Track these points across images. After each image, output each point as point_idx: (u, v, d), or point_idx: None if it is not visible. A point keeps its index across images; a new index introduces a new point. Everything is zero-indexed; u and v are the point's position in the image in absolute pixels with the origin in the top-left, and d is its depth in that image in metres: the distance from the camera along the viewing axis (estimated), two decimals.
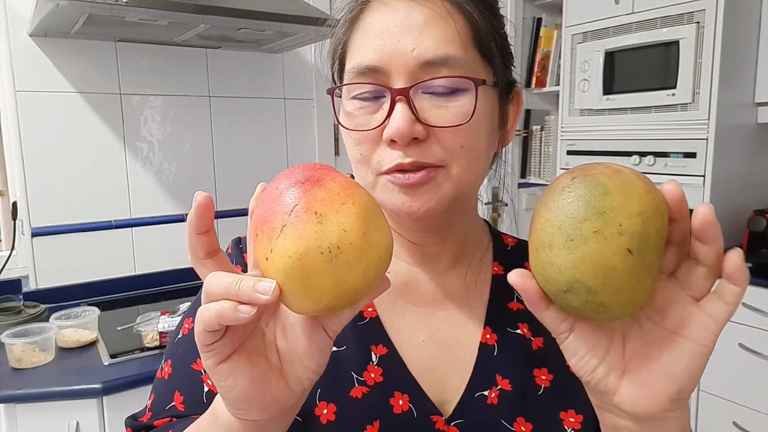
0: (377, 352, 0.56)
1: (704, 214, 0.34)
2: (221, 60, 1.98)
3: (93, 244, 1.81)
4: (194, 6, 1.39)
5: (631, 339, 0.39)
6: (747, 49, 2.08)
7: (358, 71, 0.51)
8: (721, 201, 2.07)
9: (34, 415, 1.24)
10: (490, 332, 0.58)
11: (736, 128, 2.10)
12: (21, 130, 1.67)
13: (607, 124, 2.32)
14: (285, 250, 0.34)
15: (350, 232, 0.34)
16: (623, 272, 0.34)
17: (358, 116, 0.52)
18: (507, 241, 0.67)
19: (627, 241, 0.33)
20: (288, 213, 0.34)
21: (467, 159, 0.51)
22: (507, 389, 0.56)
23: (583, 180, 0.35)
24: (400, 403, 0.54)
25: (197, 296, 0.60)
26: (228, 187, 2.05)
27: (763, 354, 1.90)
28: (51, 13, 1.37)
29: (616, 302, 0.35)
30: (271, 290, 0.34)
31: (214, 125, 2.00)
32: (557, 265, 0.35)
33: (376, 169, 0.52)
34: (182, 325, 0.60)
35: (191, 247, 0.39)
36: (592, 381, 0.39)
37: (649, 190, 0.35)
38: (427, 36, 0.49)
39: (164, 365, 0.59)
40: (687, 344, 0.37)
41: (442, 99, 0.50)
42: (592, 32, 2.33)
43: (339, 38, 0.56)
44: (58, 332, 1.40)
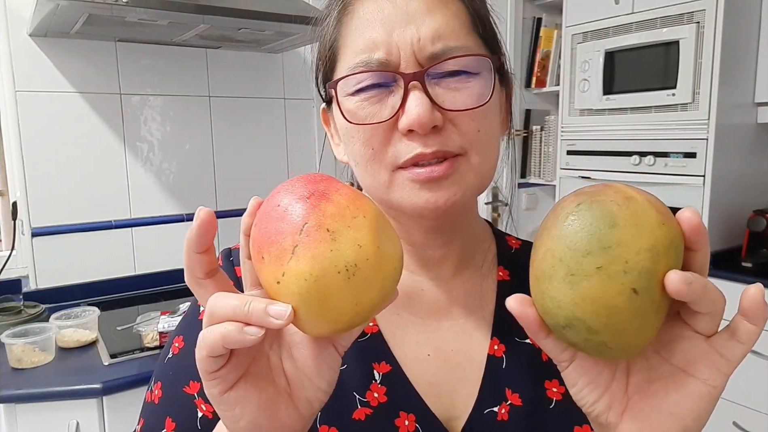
0: (380, 370, 0.53)
1: (691, 219, 0.32)
2: (221, 60, 1.98)
3: (93, 244, 1.81)
4: (194, 6, 1.39)
5: (636, 372, 0.37)
6: (747, 49, 2.08)
7: (365, 66, 0.47)
8: (721, 201, 2.07)
9: (34, 415, 1.24)
10: (498, 343, 0.55)
11: (736, 128, 2.10)
12: (21, 130, 1.67)
13: (607, 124, 2.32)
14: (299, 272, 0.32)
15: (365, 247, 0.33)
16: (627, 313, 0.31)
17: (363, 111, 0.48)
18: (511, 243, 0.63)
19: (633, 279, 0.31)
20: (298, 232, 0.32)
21: (485, 145, 0.49)
22: (517, 404, 0.53)
23: (589, 207, 0.32)
24: (406, 423, 0.51)
25: (187, 313, 0.57)
26: (228, 187, 2.05)
27: (763, 354, 1.90)
28: (51, 13, 1.37)
29: (618, 343, 0.32)
30: (286, 315, 0.32)
31: (214, 125, 2.00)
32: (557, 299, 0.32)
33: (392, 163, 0.48)
34: (171, 344, 0.56)
35: (189, 266, 0.36)
36: (592, 413, 0.37)
37: (663, 221, 0.31)
38: (430, 24, 0.47)
39: (154, 387, 0.55)
40: (695, 384, 0.34)
41: (455, 83, 0.47)
42: (592, 32, 2.33)
43: (328, 35, 0.52)
44: (58, 332, 1.40)
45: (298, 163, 2.19)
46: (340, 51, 0.51)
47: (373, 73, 0.47)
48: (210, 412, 0.51)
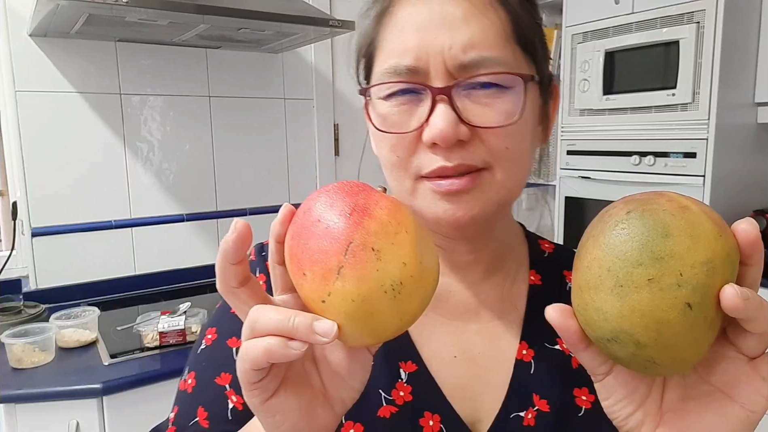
0: (406, 369, 0.52)
1: (748, 232, 0.30)
2: (221, 60, 1.98)
3: (93, 244, 1.81)
4: (194, 6, 1.39)
5: (671, 388, 0.35)
6: (747, 49, 2.08)
7: (394, 72, 0.47)
8: (721, 201, 2.07)
9: (34, 415, 1.24)
10: (527, 347, 0.54)
11: (736, 128, 2.10)
12: (21, 130, 1.67)
13: (607, 124, 2.32)
14: (346, 293, 0.32)
15: (409, 264, 0.33)
16: (679, 328, 0.29)
17: (394, 118, 0.48)
18: (544, 247, 0.62)
19: (687, 294, 0.29)
20: (343, 252, 0.32)
21: (512, 161, 0.48)
22: (545, 410, 0.52)
23: (641, 215, 0.30)
24: (431, 423, 0.50)
25: (220, 306, 0.58)
26: (228, 187, 2.05)
27: None
28: (51, 13, 1.37)
29: (667, 359, 0.31)
30: (333, 333, 0.32)
31: (214, 125, 2.00)
32: (603, 310, 0.31)
33: (415, 173, 0.48)
34: (204, 335, 0.57)
35: (224, 277, 0.35)
36: (624, 428, 0.36)
37: (719, 232, 0.30)
38: (464, 32, 0.45)
39: (187, 376, 0.56)
40: (734, 407, 0.33)
41: (485, 97, 0.46)
42: (592, 32, 2.33)
43: (367, 34, 0.52)
44: (58, 332, 1.40)
45: (298, 163, 2.19)
46: (376, 51, 0.51)
47: (402, 83, 0.47)
48: (240, 404, 0.52)
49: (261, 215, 2.09)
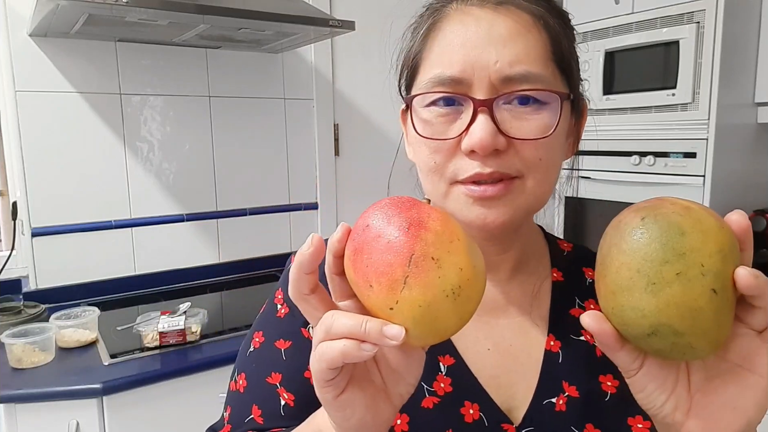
0: (445, 363, 0.56)
1: (740, 221, 0.35)
2: (221, 60, 1.98)
3: (93, 244, 1.81)
4: (194, 6, 1.39)
5: (694, 372, 0.39)
6: (747, 49, 2.08)
7: (438, 81, 0.50)
8: (721, 201, 2.07)
9: (34, 415, 1.24)
10: (554, 339, 0.58)
11: (736, 128, 2.10)
12: (21, 130, 1.67)
13: (607, 124, 2.32)
14: (413, 301, 0.35)
15: (465, 269, 0.36)
16: (710, 313, 0.33)
17: (435, 124, 0.51)
18: (563, 246, 0.67)
19: (711, 281, 0.33)
20: (407, 264, 0.35)
21: (543, 172, 0.51)
22: (574, 396, 0.56)
23: (655, 220, 0.34)
24: (471, 412, 0.54)
25: (264, 311, 0.63)
26: (228, 187, 2.05)
27: None
28: (51, 13, 1.37)
29: (703, 342, 0.34)
30: (401, 337, 0.35)
31: (214, 125, 2.00)
32: (640, 308, 0.34)
33: (451, 178, 0.52)
34: (252, 338, 0.62)
35: (298, 285, 0.39)
36: (659, 415, 0.39)
37: (721, 225, 0.34)
38: (510, 49, 0.49)
39: (238, 378, 0.60)
40: (753, 378, 0.36)
41: (523, 111, 0.50)
42: (592, 32, 2.33)
43: (414, 46, 0.55)
44: (58, 332, 1.40)
45: (298, 163, 2.19)
46: (421, 63, 0.54)
47: (447, 94, 0.50)
48: (291, 401, 0.56)
49: (261, 215, 2.09)
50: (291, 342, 0.59)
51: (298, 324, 0.59)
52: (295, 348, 0.58)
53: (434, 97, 0.51)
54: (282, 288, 0.63)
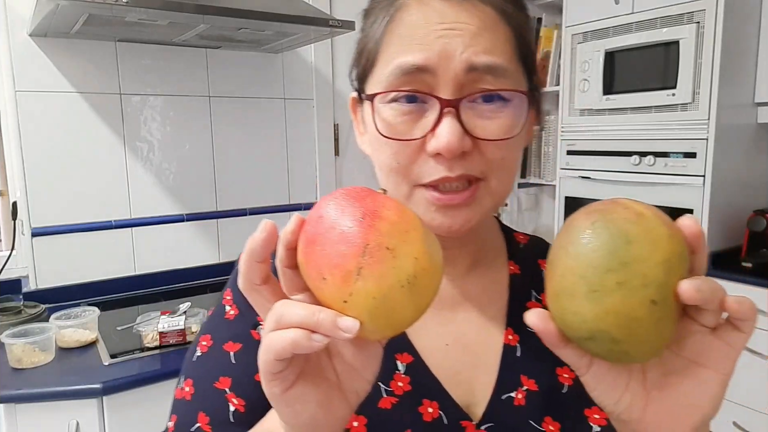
0: (403, 361, 0.55)
1: (691, 227, 0.35)
2: (221, 60, 1.98)
3: (93, 244, 1.81)
4: (194, 6, 1.39)
5: (650, 369, 0.39)
6: (747, 49, 2.08)
7: (402, 71, 0.48)
8: (721, 201, 2.07)
9: (34, 415, 1.24)
10: (512, 333, 0.58)
11: (736, 128, 2.10)
12: (21, 130, 1.67)
13: (607, 124, 2.32)
14: (367, 292, 0.34)
15: (421, 259, 0.35)
16: (648, 323, 0.33)
17: (398, 123, 0.49)
18: (519, 238, 0.66)
19: (652, 292, 0.33)
20: (361, 254, 0.34)
21: (506, 171, 0.51)
22: (533, 389, 0.56)
23: (605, 225, 0.34)
24: (430, 410, 0.53)
25: (213, 313, 0.60)
26: (228, 187, 2.05)
27: (763, 354, 1.90)
28: (51, 13, 1.37)
29: (639, 350, 0.35)
30: (355, 329, 0.34)
31: (214, 125, 2.00)
32: (580, 314, 0.34)
33: (414, 180, 0.50)
34: (199, 342, 0.59)
35: (248, 274, 0.37)
36: (614, 412, 0.39)
37: (671, 234, 0.34)
38: (479, 41, 0.48)
39: (184, 384, 0.57)
40: (708, 373, 0.37)
41: (487, 109, 0.49)
42: (592, 32, 2.33)
43: (372, 36, 0.53)
44: (58, 332, 1.40)
45: (298, 163, 2.19)
46: (380, 54, 0.52)
47: (410, 92, 0.48)
48: (242, 406, 0.54)
49: (261, 215, 2.09)
50: (241, 345, 0.56)
51: (248, 326, 0.57)
52: (245, 351, 0.56)
53: (395, 94, 0.49)
54: (231, 289, 0.60)
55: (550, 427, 0.54)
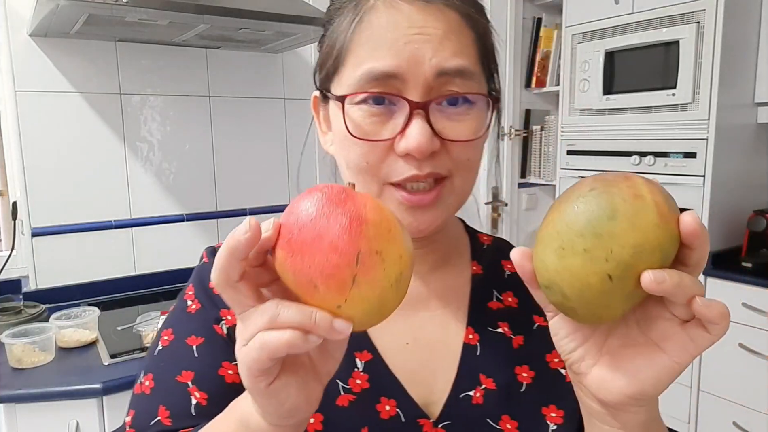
0: (362, 358, 0.56)
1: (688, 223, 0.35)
2: (221, 60, 1.98)
3: (93, 244, 1.81)
4: (194, 6, 1.39)
5: (615, 337, 0.41)
6: (747, 49, 2.08)
7: (372, 76, 0.49)
8: (721, 201, 2.07)
9: (34, 415, 1.24)
10: (473, 332, 0.59)
11: (736, 128, 2.10)
12: (21, 130, 1.67)
13: (607, 124, 2.32)
14: (363, 297, 0.36)
15: (404, 256, 0.37)
16: (597, 292, 0.36)
17: (366, 124, 0.51)
18: (482, 239, 0.67)
19: (611, 268, 0.35)
20: (354, 263, 0.35)
21: (470, 170, 0.53)
22: (491, 388, 0.56)
23: (598, 195, 0.36)
24: (387, 408, 0.54)
25: (174, 308, 0.60)
26: (228, 187, 2.05)
27: (763, 354, 1.90)
28: (51, 13, 1.37)
29: (585, 312, 0.38)
30: (350, 331, 0.35)
31: (214, 125, 2.00)
32: (545, 262, 0.37)
33: (383, 179, 0.52)
34: (161, 337, 0.59)
35: (228, 271, 0.37)
36: (568, 360, 0.42)
37: (659, 224, 0.35)
38: (446, 46, 0.49)
39: (144, 379, 0.57)
40: (663, 358, 0.38)
41: (455, 112, 0.51)
42: (592, 32, 2.33)
43: (339, 37, 0.53)
44: (58, 332, 1.40)
45: (298, 163, 2.19)
46: (347, 56, 0.52)
47: (381, 94, 0.50)
48: (204, 400, 0.54)
49: (261, 215, 2.09)
50: (203, 338, 0.57)
51: (211, 320, 0.58)
52: (208, 345, 0.56)
53: (364, 96, 0.50)
54: (194, 284, 0.61)
55: (508, 426, 0.55)
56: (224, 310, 0.58)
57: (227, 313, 0.58)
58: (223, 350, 0.56)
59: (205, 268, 0.63)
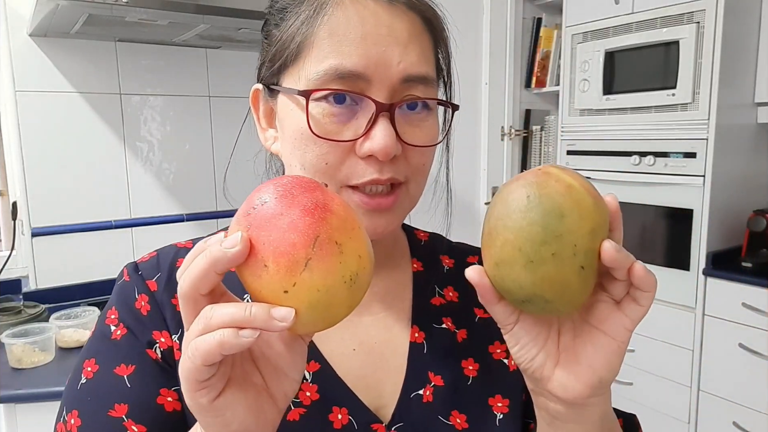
0: (310, 369, 0.54)
1: (612, 203, 0.39)
2: (221, 60, 1.98)
3: (93, 244, 1.81)
4: (194, 6, 1.39)
5: (564, 332, 0.43)
6: (747, 49, 2.08)
7: (337, 74, 0.47)
8: (721, 201, 2.07)
9: (34, 415, 1.24)
10: (418, 330, 0.59)
11: (736, 128, 2.10)
12: (21, 130, 1.67)
13: (607, 124, 2.32)
14: (312, 284, 0.34)
15: (363, 257, 0.36)
16: (576, 285, 0.38)
17: (327, 124, 0.49)
18: (420, 236, 0.67)
19: (581, 259, 0.37)
20: (311, 245, 0.33)
21: (423, 176, 0.54)
22: (440, 385, 0.56)
23: (539, 201, 0.37)
24: (339, 417, 0.53)
25: (95, 335, 0.56)
26: (228, 187, 2.05)
27: (763, 354, 1.90)
28: (51, 13, 1.37)
29: (566, 306, 0.39)
30: (291, 318, 0.33)
31: (214, 125, 2.00)
32: (518, 281, 0.38)
33: (342, 181, 0.50)
34: (82, 368, 0.54)
35: (200, 283, 0.35)
36: (530, 368, 0.43)
37: (595, 203, 0.38)
38: (411, 51, 0.49)
39: (68, 417, 0.52)
40: (605, 339, 0.41)
41: (416, 117, 0.51)
42: (592, 32, 2.33)
43: (296, 28, 0.50)
44: (58, 332, 1.40)
45: None
46: (307, 49, 0.49)
47: (348, 92, 0.48)
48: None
49: None
50: (134, 366, 0.52)
51: (141, 345, 0.53)
52: (140, 373, 0.52)
53: (326, 93, 0.48)
54: (116, 306, 0.56)
55: (457, 420, 0.55)
56: (156, 332, 0.54)
57: (160, 335, 0.54)
58: (159, 376, 0.52)
59: (127, 287, 0.57)
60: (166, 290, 0.56)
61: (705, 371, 2.08)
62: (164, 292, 0.56)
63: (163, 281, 0.57)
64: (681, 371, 2.14)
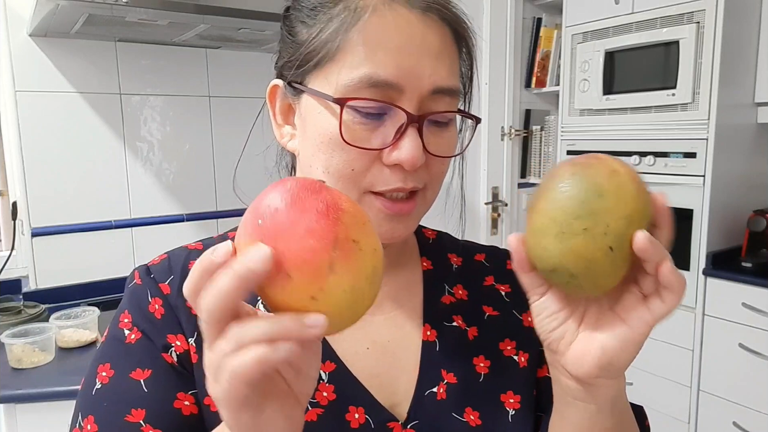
0: (326, 369, 0.55)
1: (658, 198, 0.39)
2: (221, 60, 1.98)
3: (93, 244, 1.81)
4: (194, 6, 1.39)
5: (590, 315, 0.44)
6: (747, 49, 2.08)
7: (371, 82, 0.48)
8: (721, 201, 2.07)
9: (34, 415, 1.24)
10: (430, 329, 0.59)
11: (736, 128, 2.10)
12: (21, 130, 1.67)
13: (607, 124, 2.32)
14: (339, 286, 0.33)
15: (378, 250, 0.36)
16: (603, 264, 0.39)
17: (357, 131, 0.49)
18: (428, 234, 0.68)
19: (611, 240, 0.38)
20: (332, 248, 0.33)
21: (440, 183, 0.55)
22: (453, 382, 0.57)
23: (581, 178, 0.39)
24: (356, 416, 0.53)
25: (108, 339, 0.56)
26: (228, 187, 2.05)
27: (763, 354, 1.90)
28: (51, 13, 1.37)
29: (591, 285, 0.40)
30: (323, 323, 0.32)
31: (214, 125, 2.00)
32: (548, 250, 0.40)
33: (366, 187, 0.51)
34: (96, 373, 0.53)
35: (228, 303, 0.32)
36: (548, 339, 0.45)
37: (638, 194, 0.39)
38: (442, 63, 0.50)
39: (84, 423, 0.51)
40: (624, 328, 0.42)
41: (437, 128, 0.52)
42: (592, 32, 2.33)
43: (330, 32, 0.50)
44: (58, 332, 1.40)
45: None
46: (339, 54, 0.49)
47: (380, 103, 0.49)
48: None
49: None
50: (150, 371, 0.52)
51: (156, 349, 0.53)
52: (157, 377, 0.51)
53: (359, 103, 0.48)
54: (129, 310, 0.56)
55: (471, 417, 0.56)
56: (171, 336, 0.54)
57: (175, 339, 0.54)
58: (176, 381, 0.52)
59: (140, 290, 0.57)
60: (180, 293, 0.54)
61: (705, 371, 2.08)
62: (178, 296, 0.55)
63: (176, 284, 0.57)
64: (681, 371, 2.14)
